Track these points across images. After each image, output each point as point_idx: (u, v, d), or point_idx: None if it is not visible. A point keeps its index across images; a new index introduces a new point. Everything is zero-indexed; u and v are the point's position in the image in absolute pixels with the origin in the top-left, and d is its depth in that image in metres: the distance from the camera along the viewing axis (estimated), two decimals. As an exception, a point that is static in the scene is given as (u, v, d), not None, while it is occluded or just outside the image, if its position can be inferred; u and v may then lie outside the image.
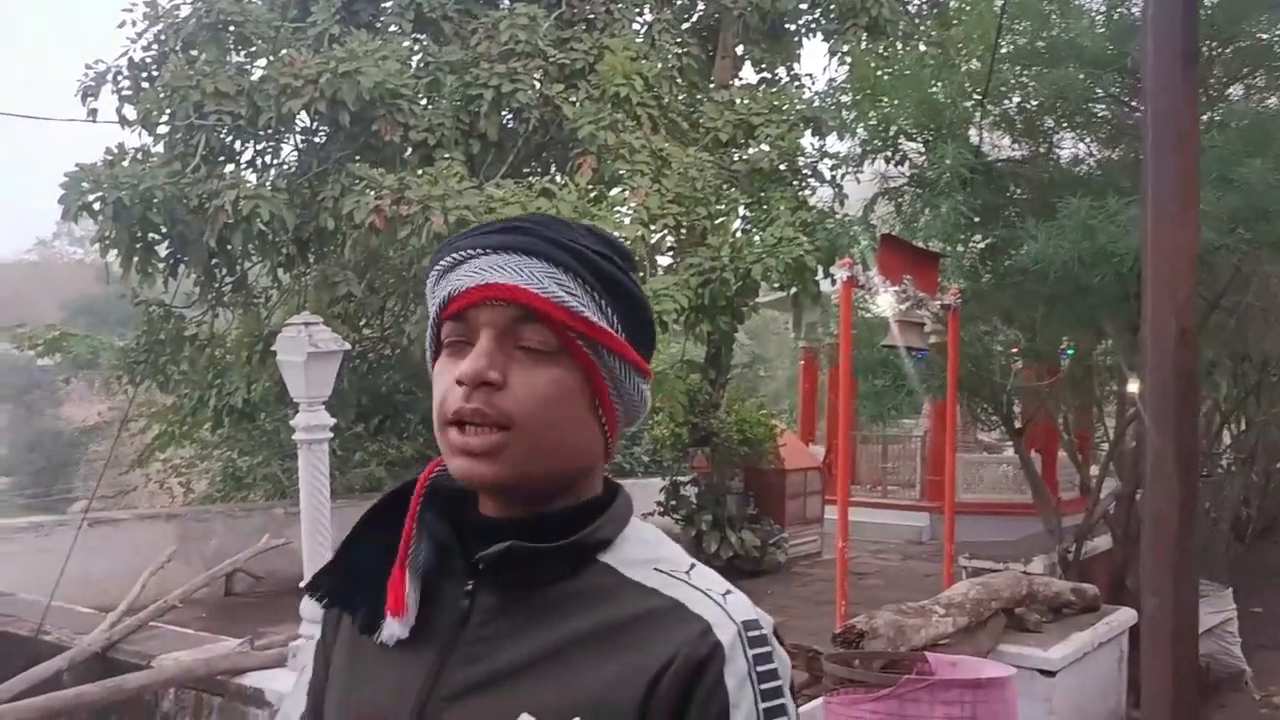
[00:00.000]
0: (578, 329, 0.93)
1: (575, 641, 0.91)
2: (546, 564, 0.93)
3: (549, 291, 0.92)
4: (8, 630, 4.56)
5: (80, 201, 7.59)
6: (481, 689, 0.91)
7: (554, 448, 0.93)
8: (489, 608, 0.94)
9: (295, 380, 4.01)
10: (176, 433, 9.91)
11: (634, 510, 1.02)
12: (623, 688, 0.88)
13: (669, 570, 0.95)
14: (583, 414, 0.95)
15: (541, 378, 0.92)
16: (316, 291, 8.25)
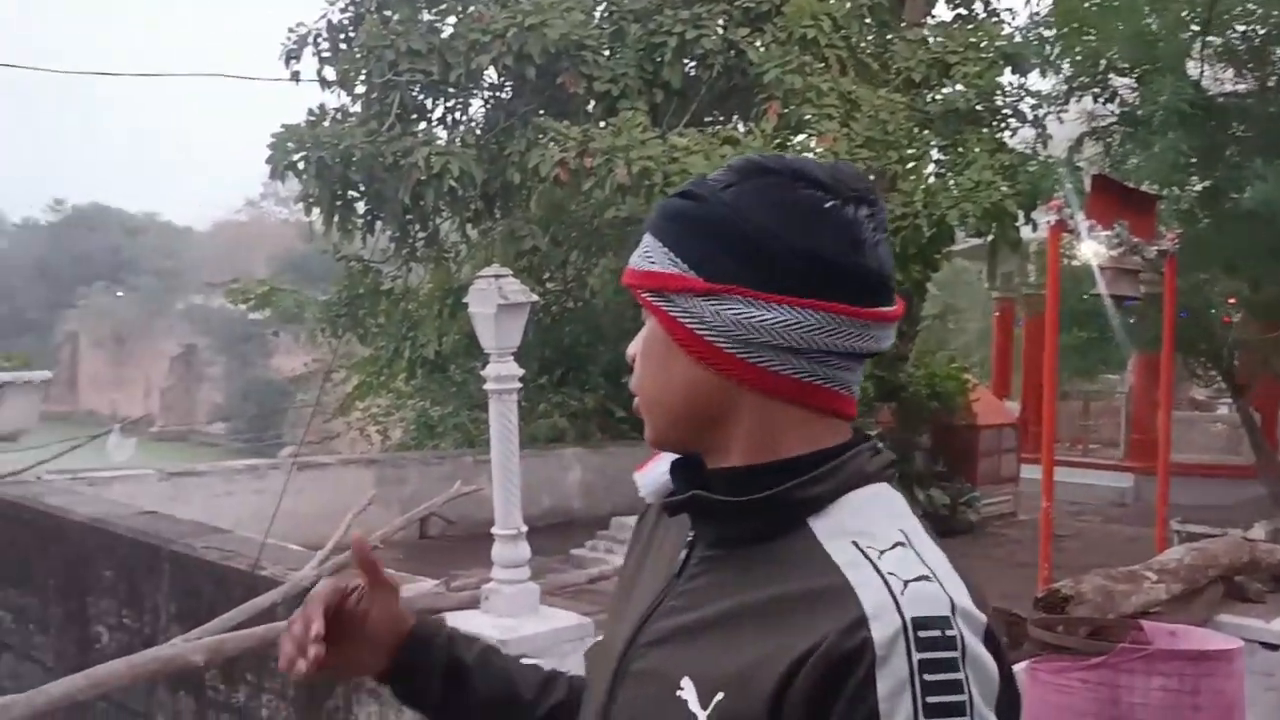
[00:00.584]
0: (640, 284, 0.93)
1: (751, 609, 0.85)
2: (741, 520, 0.90)
3: (634, 262, 0.95)
4: (229, 564, 4.86)
5: (286, 161, 7.96)
6: (668, 642, 0.90)
7: (658, 403, 0.94)
8: (699, 560, 0.93)
9: (485, 332, 4.07)
10: (374, 383, 10.37)
11: (878, 471, 0.92)
12: (765, 669, 0.81)
13: (864, 546, 0.84)
14: (673, 365, 0.92)
15: (641, 341, 0.95)
16: (503, 246, 8.42)
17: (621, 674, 0.92)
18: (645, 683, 0.90)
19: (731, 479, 0.91)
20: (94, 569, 5.68)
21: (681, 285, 0.90)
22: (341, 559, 4.51)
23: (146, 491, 7.16)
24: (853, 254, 0.89)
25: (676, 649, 0.88)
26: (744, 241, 0.89)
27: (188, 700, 4.99)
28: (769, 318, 0.88)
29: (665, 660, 0.88)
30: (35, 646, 6.14)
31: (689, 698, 0.84)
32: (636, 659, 0.91)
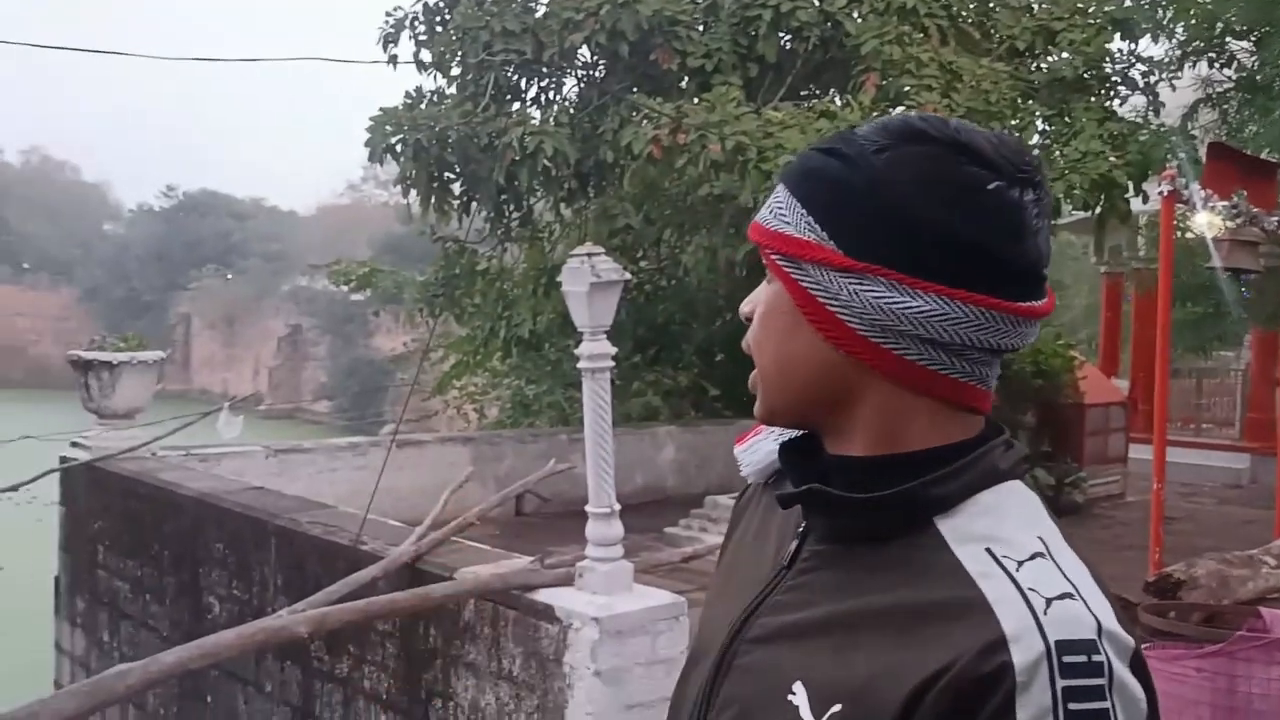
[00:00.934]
0: (770, 245, 0.87)
1: (871, 615, 0.79)
2: (862, 517, 0.83)
3: (763, 219, 0.88)
4: (332, 539, 4.97)
5: (384, 144, 8.09)
6: (777, 640, 0.85)
7: (775, 376, 0.88)
8: (810, 555, 0.87)
9: (579, 309, 4.08)
10: (470, 362, 10.53)
11: (1010, 469, 0.85)
12: (889, 685, 0.75)
13: (999, 555, 0.78)
14: (797, 337, 0.86)
15: (762, 304, 0.89)
16: (596, 224, 8.44)
17: (725, 668, 0.88)
18: (751, 680, 0.85)
19: (853, 469, 0.85)
20: (205, 542, 5.88)
21: (819, 256, 0.83)
22: (438, 535, 4.59)
23: (254, 468, 7.39)
24: (1013, 243, 0.81)
25: (787, 648, 0.83)
26: (894, 218, 0.81)
27: (294, 670, 5.14)
28: (913, 306, 0.80)
29: (774, 659, 0.84)
30: (152, 615, 6.39)
31: (800, 704, 0.79)
32: (742, 654, 0.87)
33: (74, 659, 7.29)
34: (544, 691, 3.89)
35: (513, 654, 4.02)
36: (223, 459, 7.40)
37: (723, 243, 7.30)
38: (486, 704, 4.12)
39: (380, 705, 4.62)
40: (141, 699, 6.32)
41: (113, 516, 6.91)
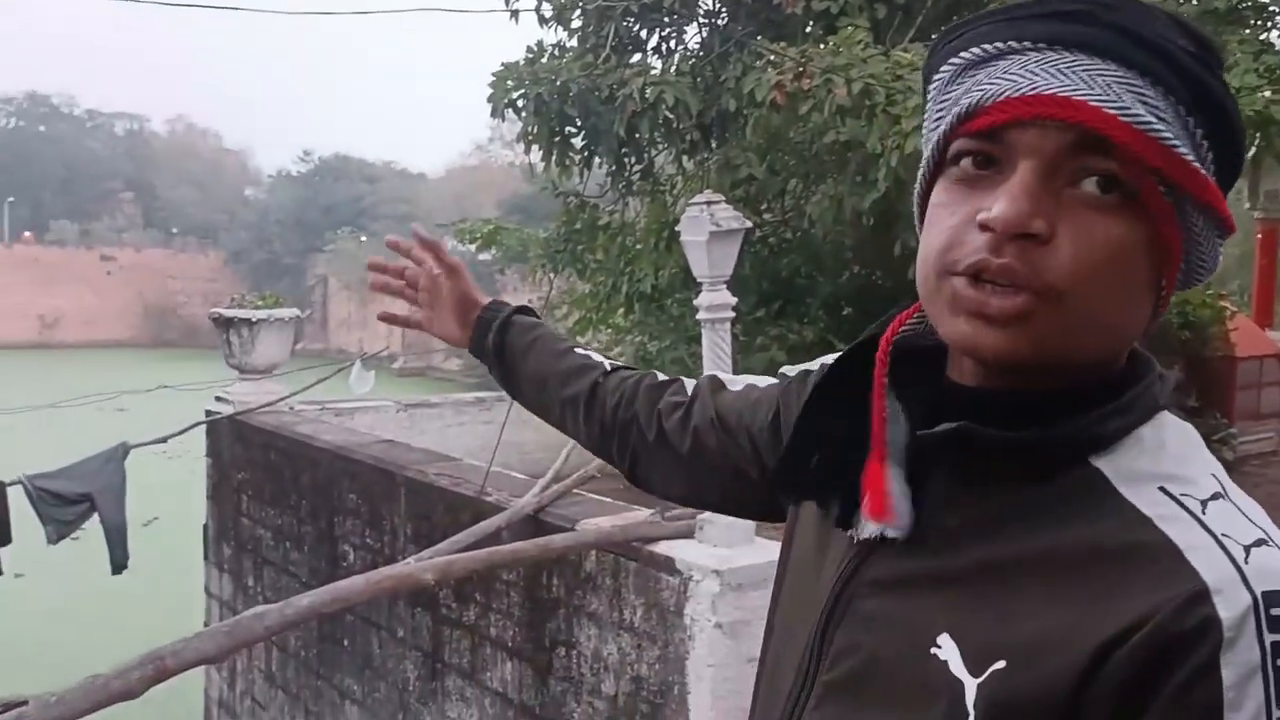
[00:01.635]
0: (1164, 168, 0.69)
1: (1028, 562, 0.71)
2: (1012, 457, 0.73)
3: (1131, 113, 0.68)
4: (458, 491, 5.07)
5: (505, 99, 8.11)
6: (908, 586, 0.76)
7: (1096, 326, 0.71)
8: (938, 495, 0.76)
9: (698, 259, 4.02)
10: (593, 318, 10.54)
11: (1166, 399, 0.76)
12: (1064, 644, 0.66)
13: (1178, 495, 0.70)
14: (1142, 283, 0.72)
15: (1101, 234, 0.69)
16: (719, 176, 8.30)
17: (839, 613, 0.79)
18: (879, 627, 0.76)
19: (1029, 400, 0.74)
20: (339, 492, 6.07)
21: (1201, 191, 0.70)
22: (560, 487, 4.62)
23: (386, 422, 7.60)
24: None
25: (924, 597, 0.74)
26: (1239, 136, 0.73)
27: (424, 617, 5.28)
28: (1217, 248, 0.74)
29: (905, 606, 0.75)
30: (292, 562, 6.66)
31: (949, 658, 0.71)
32: (863, 597, 0.78)
33: (222, 602, 7.67)
34: (665, 643, 3.89)
35: (634, 605, 4.03)
36: (356, 413, 7.63)
37: (849, 191, 7.09)
38: (609, 653, 4.15)
39: (506, 652, 4.71)
40: (283, 641, 6.61)
41: (254, 468, 7.21)
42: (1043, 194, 0.69)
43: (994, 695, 0.68)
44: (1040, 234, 0.69)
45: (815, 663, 0.80)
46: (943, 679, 0.70)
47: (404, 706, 5.40)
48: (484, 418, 7.89)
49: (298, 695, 6.54)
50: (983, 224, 0.70)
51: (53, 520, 6.32)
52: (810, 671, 0.80)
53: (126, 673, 2.97)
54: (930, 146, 0.76)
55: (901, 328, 0.83)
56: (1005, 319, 0.70)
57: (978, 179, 0.72)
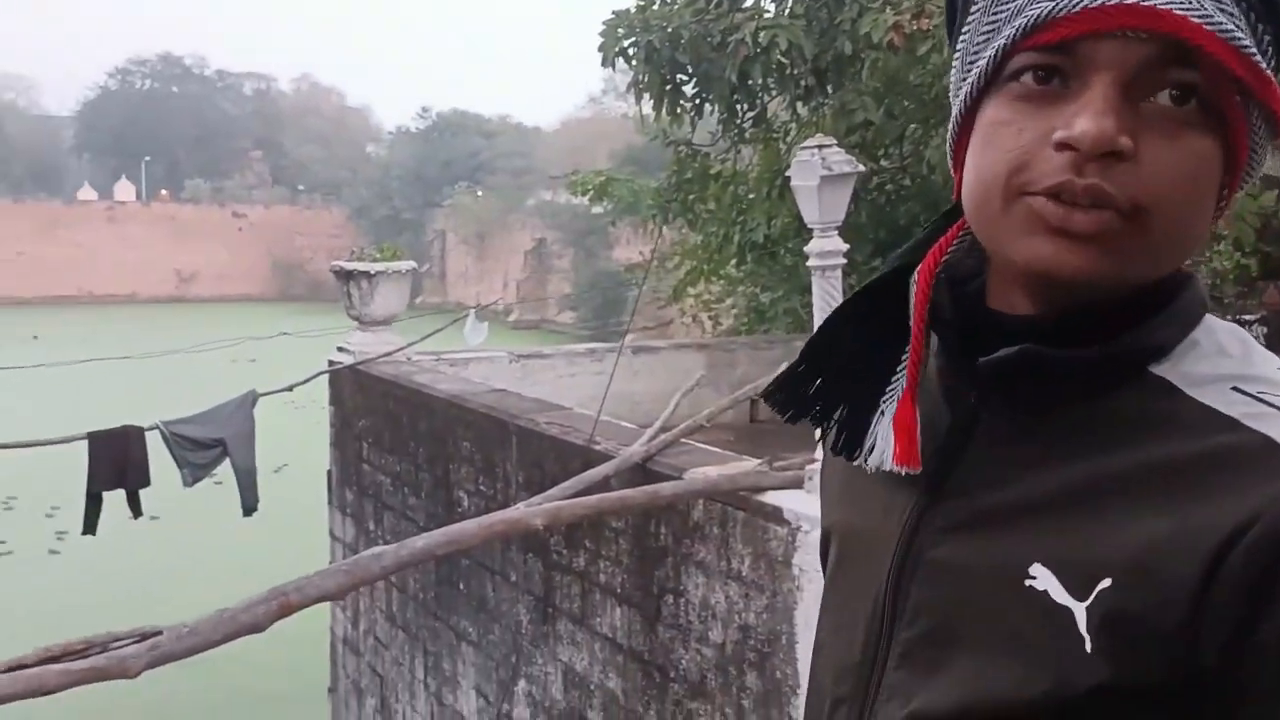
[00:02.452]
0: (1246, 78, 0.66)
1: (1111, 480, 0.68)
2: (1074, 375, 0.71)
3: (1214, 21, 0.65)
4: (568, 439, 5.13)
5: (616, 48, 8.05)
6: (982, 525, 0.72)
7: (1179, 242, 0.69)
8: (997, 426, 0.74)
9: (809, 205, 3.94)
10: (704, 269, 10.49)
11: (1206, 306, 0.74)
12: (1174, 552, 0.64)
13: (1256, 393, 0.68)
14: (1214, 194, 0.70)
15: (1184, 149, 0.66)
16: (834, 121, 8.10)
17: (912, 566, 0.75)
18: (959, 573, 0.73)
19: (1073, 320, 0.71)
20: (454, 440, 6.21)
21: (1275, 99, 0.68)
22: (668, 436, 4.62)
23: (499, 372, 7.72)
24: None
25: (1004, 532, 0.71)
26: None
27: (535, 562, 5.38)
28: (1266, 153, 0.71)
29: (988, 545, 0.72)
30: (410, 507, 6.85)
31: (1048, 586, 0.68)
32: (934, 545, 0.74)
33: (344, 544, 7.96)
34: (773, 592, 3.87)
35: (741, 554, 4.02)
36: (470, 363, 7.77)
37: (968, 136, 6.86)
38: (716, 601, 4.16)
39: (615, 599, 4.77)
40: (403, 583, 6.83)
41: (374, 416, 7.42)
42: (1124, 109, 0.66)
43: (1107, 614, 0.66)
44: (1125, 150, 0.65)
45: (890, 622, 0.77)
46: (1044, 609, 0.68)
47: (517, 648, 5.53)
48: (595, 368, 7.94)
49: (417, 635, 6.76)
50: (1063, 143, 0.66)
51: (188, 464, 6.62)
52: (885, 631, 0.77)
53: (253, 607, 3.10)
54: (980, 62, 0.71)
55: (941, 258, 0.78)
56: (1090, 236, 0.66)
57: (1043, 94, 0.68)
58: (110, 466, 6.44)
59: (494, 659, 5.80)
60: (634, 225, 14.99)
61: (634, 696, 4.66)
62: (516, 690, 5.56)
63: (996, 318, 0.75)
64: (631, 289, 24.74)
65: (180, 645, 2.98)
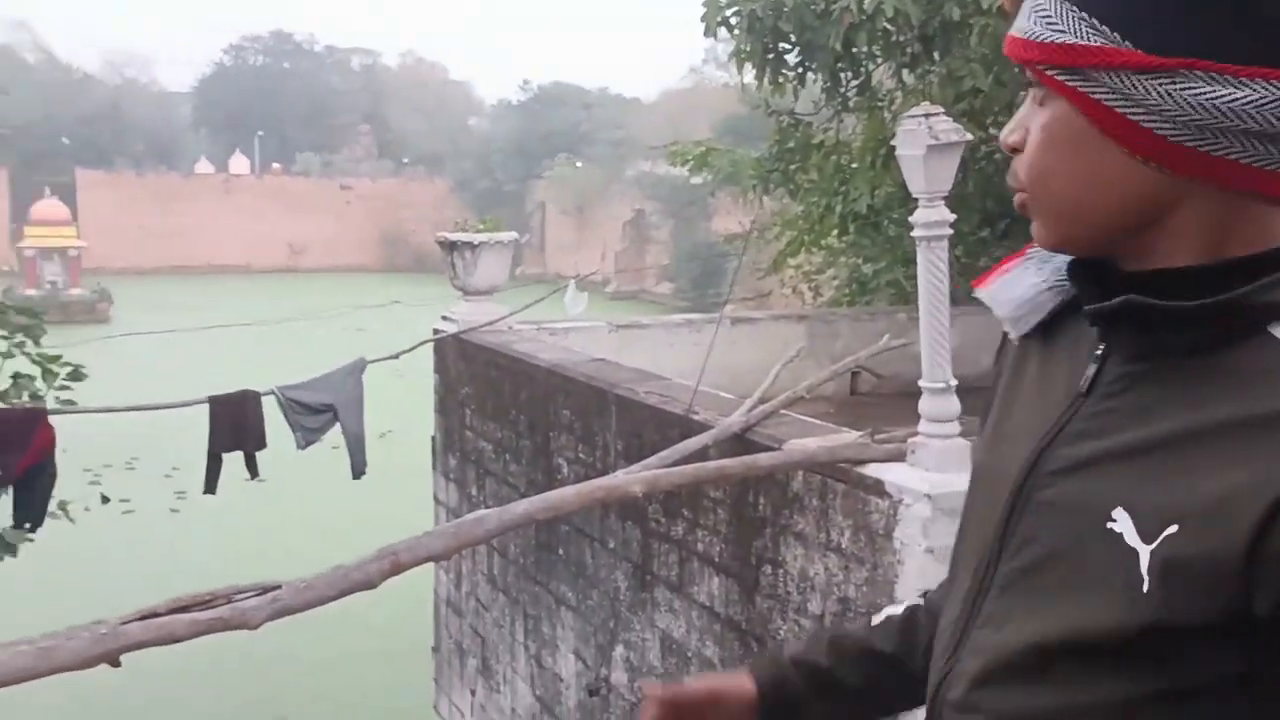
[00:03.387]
0: (1043, 59, 0.79)
1: (1205, 431, 0.73)
2: (1184, 328, 0.76)
3: (1028, 32, 0.81)
4: (666, 409, 5.16)
5: (718, 18, 8.01)
6: (1084, 469, 0.80)
7: (1071, 202, 0.81)
8: (1117, 376, 0.81)
9: (914, 175, 3.87)
10: (805, 240, 10.38)
11: None
12: (1239, 501, 0.69)
13: None
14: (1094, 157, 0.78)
15: (1036, 129, 0.82)
16: (940, 89, 7.93)
17: (1022, 505, 0.83)
18: (1058, 514, 0.80)
19: (1169, 282, 0.77)
20: (555, 408, 6.30)
21: (1117, 61, 0.74)
22: (767, 407, 4.62)
23: (598, 342, 7.78)
24: None
25: (1099, 476, 0.78)
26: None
27: (634, 530, 5.44)
28: (1240, 97, 0.71)
29: (1084, 489, 0.79)
30: (511, 474, 6.99)
31: (1124, 529, 0.74)
32: (1042, 487, 0.82)
33: (448, 509, 8.16)
34: (874, 565, 3.86)
35: (841, 526, 4.01)
36: (570, 333, 7.85)
37: (1082, 103, 6.65)
38: (815, 573, 4.16)
39: (713, 568, 4.80)
40: (504, 547, 6.99)
41: (477, 383, 7.58)
42: (1027, 112, 0.84)
43: (1167, 558, 0.71)
44: (1016, 144, 0.85)
45: (999, 553, 0.84)
46: (1119, 551, 0.74)
47: (615, 614, 5.62)
48: (694, 339, 7.95)
49: (517, 599, 6.91)
50: None
51: (301, 428, 6.86)
52: (993, 562, 0.85)
53: (365, 565, 3.21)
54: None
55: None
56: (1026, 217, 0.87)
57: None
58: (230, 429, 6.69)
59: (592, 624, 5.90)
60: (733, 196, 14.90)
61: (731, 665, 4.70)
62: (614, 655, 5.65)
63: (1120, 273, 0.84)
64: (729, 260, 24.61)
65: (299, 599, 3.09)
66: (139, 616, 2.81)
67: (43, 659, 2.47)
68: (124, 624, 2.71)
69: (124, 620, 2.73)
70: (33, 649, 2.47)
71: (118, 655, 2.62)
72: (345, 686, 10.54)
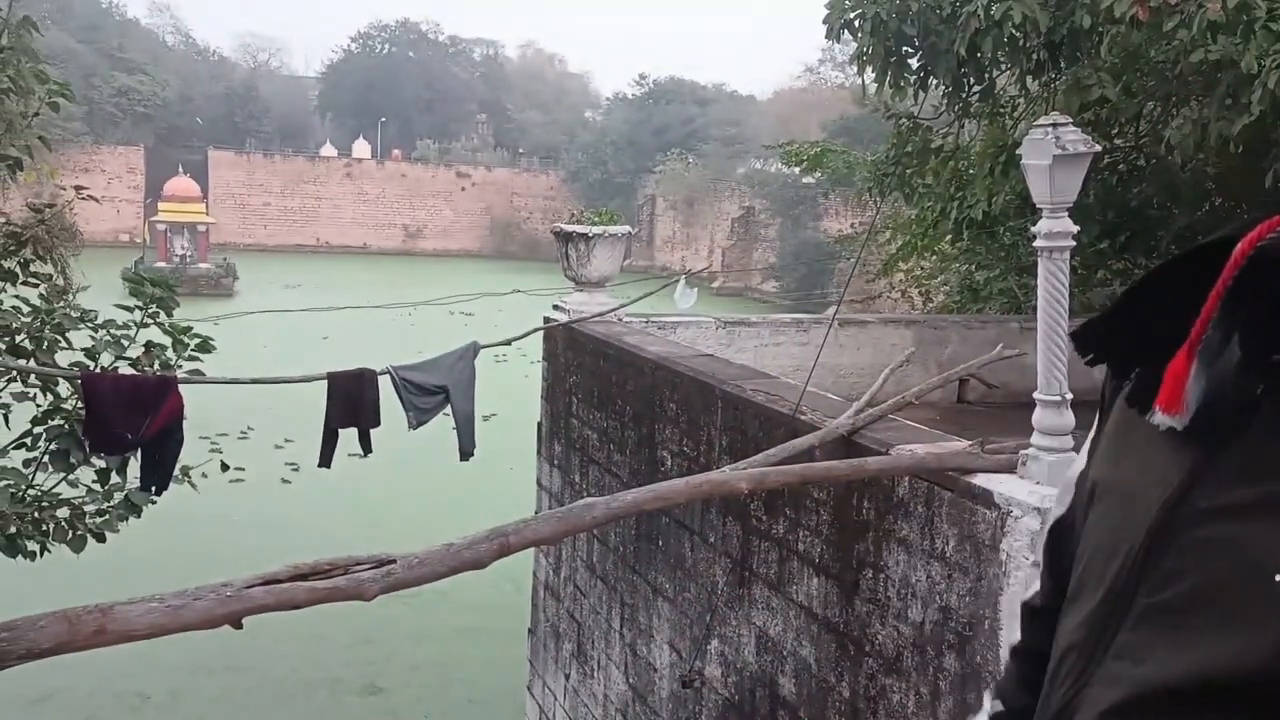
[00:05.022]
0: None
1: None
2: None
3: None
4: (773, 407, 5.19)
5: (842, 20, 7.96)
6: (1241, 515, 0.75)
7: None
8: (1276, 420, 0.76)
9: (1039, 184, 3.83)
10: (918, 244, 10.27)
11: None
12: None
13: None
14: None
15: None
16: (1066, 97, 7.75)
17: (1167, 540, 0.79)
18: (1214, 554, 0.76)
19: None
20: (660, 401, 6.38)
21: None
22: (875, 411, 4.62)
23: (705, 337, 7.85)
24: None
25: (1263, 524, 0.74)
26: None
27: (734, 526, 5.49)
28: None
29: (1244, 533, 0.75)
30: (614, 463, 7.10)
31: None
32: (1194, 524, 0.78)
33: (551, 494, 8.33)
34: (978, 576, 3.84)
35: (946, 534, 4.00)
36: (678, 328, 7.93)
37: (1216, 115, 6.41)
38: (917, 580, 4.15)
39: (813, 568, 4.83)
40: (605, 536, 7.11)
41: (584, 373, 7.71)
42: None
43: None
44: None
45: (1135, 585, 0.81)
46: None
47: (712, 608, 5.68)
48: (800, 339, 7.96)
49: (615, 587, 7.03)
50: None
51: (414, 408, 7.05)
52: (1128, 592, 0.81)
53: (476, 544, 3.32)
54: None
55: (1267, 235, 0.79)
56: None
57: None
58: (346, 406, 6.89)
59: (689, 616, 5.97)
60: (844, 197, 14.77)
61: (826, 666, 4.72)
62: (709, 649, 5.72)
63: None
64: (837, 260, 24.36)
65: (411, 574, 3.19)
66: (262, 581, 2.93)
67: (172, 616, 2.58)
68: (248, 588, 2.82)
69: (248, 584, 2.84)
70: (163, 606, 2.58)
71: (241, 617, 2.71)
72: (442, 662, 10.84)
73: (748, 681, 5.34)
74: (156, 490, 6.32)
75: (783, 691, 5.04)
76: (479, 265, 50.57)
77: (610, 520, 4.02)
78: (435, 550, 3.33)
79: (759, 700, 5.24)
